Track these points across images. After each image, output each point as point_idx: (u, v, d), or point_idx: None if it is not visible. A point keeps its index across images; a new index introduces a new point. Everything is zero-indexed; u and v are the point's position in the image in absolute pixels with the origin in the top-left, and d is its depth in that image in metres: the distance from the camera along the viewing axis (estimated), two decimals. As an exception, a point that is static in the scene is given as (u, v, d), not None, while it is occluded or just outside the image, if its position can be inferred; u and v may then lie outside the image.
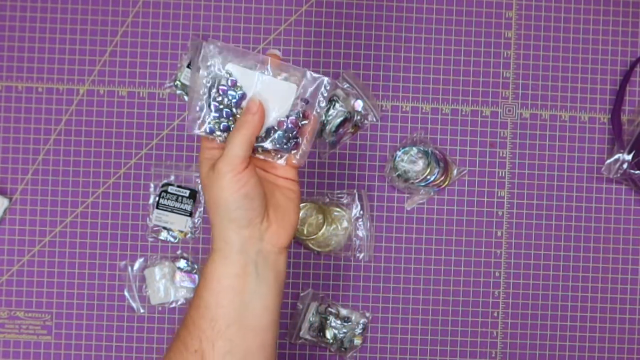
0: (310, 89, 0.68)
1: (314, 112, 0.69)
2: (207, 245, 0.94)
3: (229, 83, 0.67)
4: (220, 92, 0.67)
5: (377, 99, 0.94)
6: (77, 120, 0.94)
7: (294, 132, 0.68)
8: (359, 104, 0.93)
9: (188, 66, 0.93)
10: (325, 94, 0.69)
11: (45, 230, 0.93)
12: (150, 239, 0.93)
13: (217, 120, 0.68)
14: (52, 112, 0.94)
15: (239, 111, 0.68)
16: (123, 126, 0.94)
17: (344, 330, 0.92)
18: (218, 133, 0.68)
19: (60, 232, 0.93)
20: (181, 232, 0.93)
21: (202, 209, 0.93)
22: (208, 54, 0.67)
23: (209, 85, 0.67)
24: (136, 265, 0.93)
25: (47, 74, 0.94)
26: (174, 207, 0.92)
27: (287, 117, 0.68)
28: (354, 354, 0.93)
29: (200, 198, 0.93)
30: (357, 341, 0.92)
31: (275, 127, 0.68)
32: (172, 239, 0.93)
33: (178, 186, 0.93)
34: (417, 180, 0.92)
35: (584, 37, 0.95)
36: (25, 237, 0.93)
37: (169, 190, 0.93)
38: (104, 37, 0.94)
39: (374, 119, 0.94)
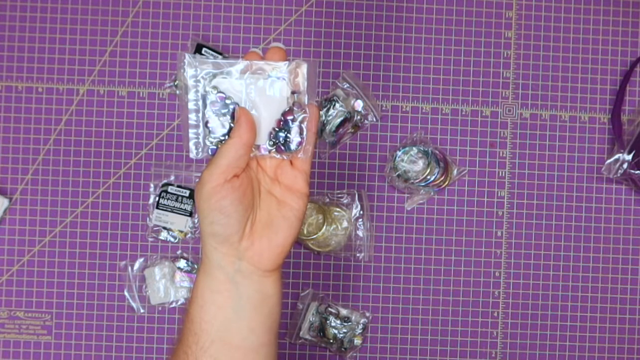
0: (297, 79, 0.66)
1: (311, 101, 0.66)
2: (207, 245, 0.94)
3: (218, 99, 0.66)
4: (212, 110, 0.66)
5: (377, 99, 0.94)
6: (77, 120, 0.94)
7: (291, 127, 0.66)
8: (359, 104, 0.93)
9: (188, 66, 0.93)
10: (305, 79, 0.66)
11: (45, 230, 0.93)
12: (150, 239, 0.93)
13: (219, 140, 0.66)
14: (52, 112, 0.94)
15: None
16: (123, 126, 0.94)
17: (344, 330, 0.92)
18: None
19: (60, 232, 0.93)
20: (181, 232, 0.93)
21: (202, 209, 0.93)
22: (189, 64, 0.65)
23: (200, 105, 0.66)
24: (136, 265, 0.93)
25: (47, 74, 0.94)
26: (174, 207, 0.92)
27: (283, 114, 0.66)
28: (354, 354, 0.93)
29: (200, 198, 0.93)
30: (357, 341, 0.92)
31: (276, 128, 0.66)
32: (172, 239, 0.93)
33: (178, 186, 0.93)
34: (417, 180, 0.92)
35: (584, 37, 0.95)
36: (25, 237, 0.93)
37: (169, 190, 0.93)
38: (104, 37, 0.94)
39: (374, 119, 0.94)
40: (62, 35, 0.94)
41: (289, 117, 0.66)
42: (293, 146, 0.66)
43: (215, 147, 0.66)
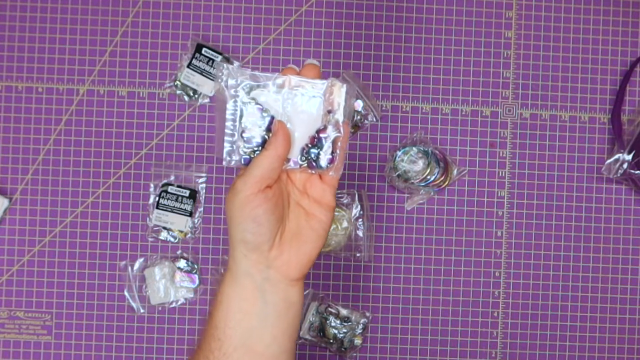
0: (331, 97, 0.67)
1: (343, 120, 0.67)
2: (207, 245, 0.94)
3: (256, 110, 0.67)
4: (249, 121, 0.67)
5: (377, 99, 0.95)
6: (77, 120, 0.94)
7: (324, 145, 0.67)
8: (359, 104, 0.93)
9: (188, 66, 0.93)
10: (343, 100, 0.67)
11: (45, 230, 0.93)
12: (150, 239, 0.93)
13: (252, 150, 0.67)
14: (52, 112, 0.94)
15: (269, 135, 0.67)
16: (123, 126, 0.94)
17: (344, 330, 0.92)
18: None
19: (60, 232, 0.93)
20: (181, 232, 0.93)
21: (202, 209, 0.93)
22: (229, 75, 0.66)
23: (237, 115, 0.67)
24: (136, 265, 0.93)
25: (47, 74, 0.94)
26: (174, 207, 0.92)
27: (317, 131, 0.67)
28: (354, 354, 0.93)
29: (200, 198, 0.93)
30: (357, 341, 0.92)
31: (309, 145, 0.67)
32: (172, 239, 0.93)
33: (178, 186, 0.93)
34: (417, 180, 0.92)
35: (584, 37, 0.95)
36: (25, 237, 0.93)
37: (169, 190, 0.93)
38: (104, 37, 0.94)
39: (374, 119, 0.94)
40: (62, 35, 0.94)
41: (323, 135, 0.67)
42: (324, 163, 0.67)
43: (248, 156, 0.67)
